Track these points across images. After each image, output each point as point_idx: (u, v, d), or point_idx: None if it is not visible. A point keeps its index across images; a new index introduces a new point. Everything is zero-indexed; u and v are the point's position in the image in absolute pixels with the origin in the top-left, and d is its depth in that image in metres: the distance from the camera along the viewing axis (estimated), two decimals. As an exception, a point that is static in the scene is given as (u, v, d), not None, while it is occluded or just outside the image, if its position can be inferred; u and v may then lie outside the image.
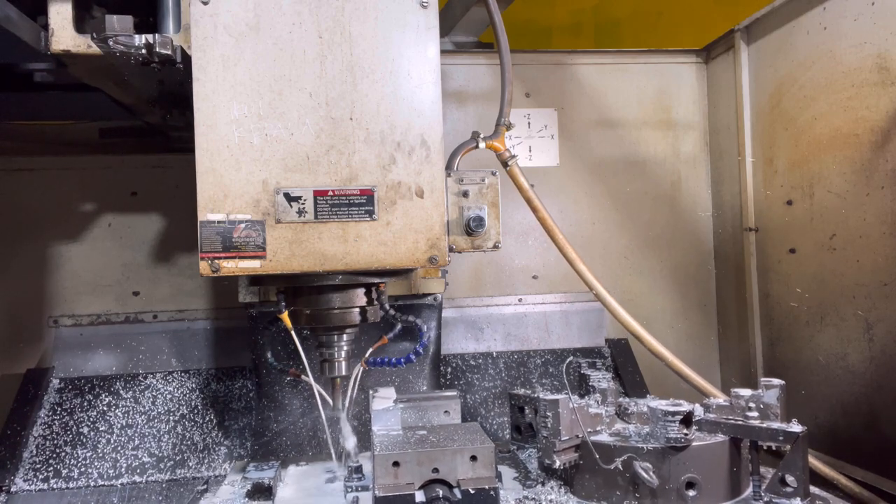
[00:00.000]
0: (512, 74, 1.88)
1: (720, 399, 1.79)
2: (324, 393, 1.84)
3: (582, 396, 1.97)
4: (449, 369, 2.64)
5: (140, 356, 2.55)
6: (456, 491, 1.48)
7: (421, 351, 1.75)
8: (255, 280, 1.63)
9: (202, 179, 1.52)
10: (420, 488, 1.48)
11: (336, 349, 1.77)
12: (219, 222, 1.52)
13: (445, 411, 1.97)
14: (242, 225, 1.52)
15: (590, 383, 2.00)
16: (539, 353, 2.73)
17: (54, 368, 2.49)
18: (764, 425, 1.62)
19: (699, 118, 2.93)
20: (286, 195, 1.54)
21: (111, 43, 1.47)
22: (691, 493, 1.57)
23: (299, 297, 1.70)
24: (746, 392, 1.72)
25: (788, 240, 2.46)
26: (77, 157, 2.61)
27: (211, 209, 1.52)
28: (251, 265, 1.52)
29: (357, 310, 1.72)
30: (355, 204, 1.57)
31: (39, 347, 2.56)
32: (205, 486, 2.15)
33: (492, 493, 1.46)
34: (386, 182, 1.58)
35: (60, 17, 1.56)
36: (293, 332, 1.70)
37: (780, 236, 2.51)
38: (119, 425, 2.38)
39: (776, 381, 1.69)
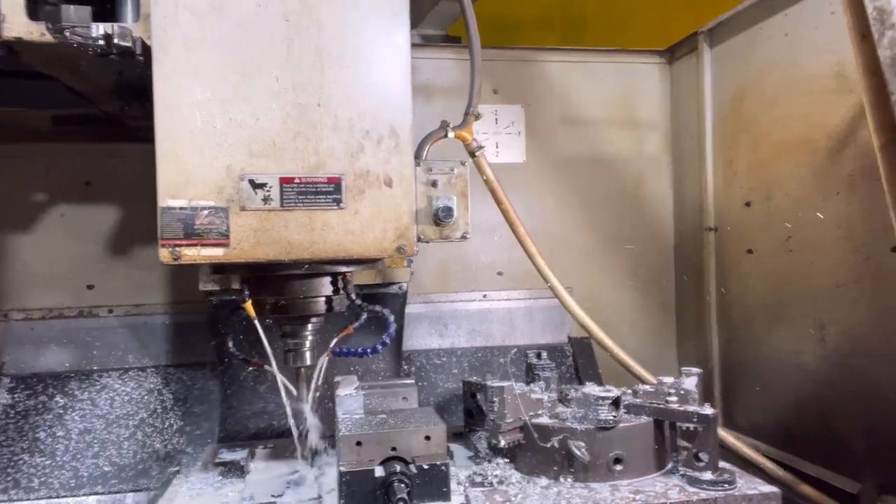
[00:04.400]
0: (482, 64, 1.88)
1: (647, 385, 1.96)
2: (288, 383, 1.80)
3: (528, 384, 2.08)
4: (413, 367, 2.62)
5: (95, 352, 2.48)
6: (411, 466, 1.56)
7: (388, 341, 1.74)
8: (218, 268, 1.60)
9: (163, 164, 1.47)
10: (380, 464, 1.56)
11: (301, 339, 1.74)
12: (180, 208, 1.47)
13: (403, 397, 2.05)
14: (205, 212, 1.48)
15: (535, 372, 2.14)
16: (503, 351, 2.74)
17: (4, 364, 2.39)
18: (681, 408, 1.79)
19: (662, 118, 2.98)
20: (251, 182, 1.51)
21: (67, 34, 1.42)
22: (618, 467, 1.74)
23: (263, 285, 1.67)
24: (669, 379, 1.92)
25: (746, 240, 2.51)
26: (29, 144, 2.51)
27: (172, 195, 1.47)
28: (214, 253, 1.48)
29: (323, 299, 1.69)
30: (322, 192, 1.54)
31: (-13, 342, 2.46)
32: (177, 468, 2.15)
33: (443, 468, 1.56)
34: (354, 170, 1.56)
35: (12, 1, 1.48)
36: (256, 322, 1.66)
37: (738, 237, 2.57)
38: (77, 430, 2.30)
39: (695, 370, 1.87)
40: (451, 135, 1.80)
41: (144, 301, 2.56)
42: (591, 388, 1.85)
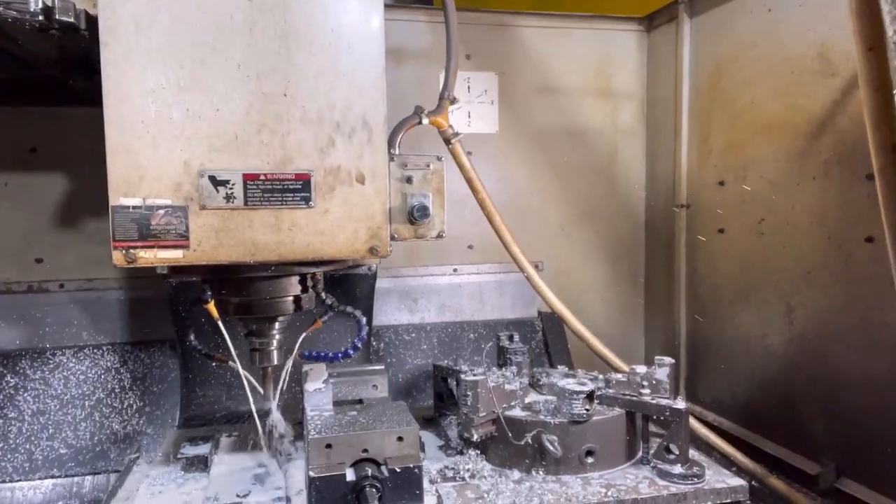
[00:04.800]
0: (458, 42, 1.77)
1: (619, 375, 1.95)
2: (253, 381, 1.74)
3: (500, 367, 2.07)
4: (382, 344, 2.58)
5: (47, 328, 2.35)
6: (383, 468, 1.52)
7: (360, 346, 1.68)
8: (177, 269, 1.50)
9: (113, 158, 1.35)
10: (351, 466, 1.51)
11: (268, 338, 1.67)
12: (134, 208, 1.36)
13: (374, 385, 2.02)
14: (162, 211, 1.37)
15: (507, 356, 2.11)
16: (472, 326, 2.71)
17: (-51, 343, 2.26)
18: (654, 401, 1.79)
19: (638, 88, 2.91)
20: (212, 178, 1.40)
21: (1, 9, 1.26)
22: (590, 459, 1.74)
23: (227, 285, 1.58)
24: (642, 369, 1.92)
25: (718, 220, 2.50)
26: (-34, 107, 2.32)
27: (125, 192, 1.36)
28: (172, 255, 1.38)
29: (291, 298, 1.62)
30: (290, 189, 1.44)
31: (-72, 320, 2.32)
32: (137, 454, 2.07)
33: (416, 470, 1.52)
34: (324, 166, 1.46)
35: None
36: (220, 323, 1.58)
37: (710, 215, 2.55)
38: (30, 411, 2.21)
39: (667, 360, 1.86)
40: (425, 121, 1.70)
41: (98, 275, 2.43)
42: (565, 381, 1.83)
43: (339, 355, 1.68)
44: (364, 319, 1.67)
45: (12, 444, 2.16)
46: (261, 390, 1.75)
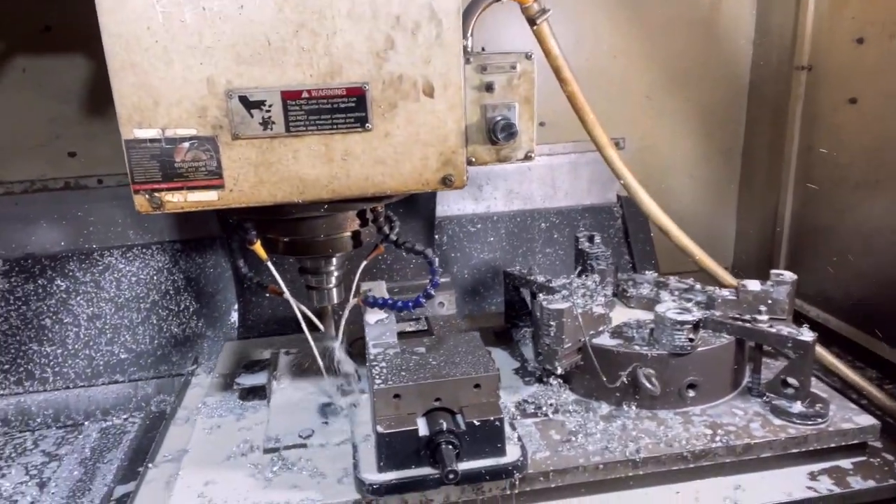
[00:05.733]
0: None
1: (726, 291, 1.72)
2: (312, 316, 1.55)
3: (579, 274, 1.85)
4: (445, 237, 2.35)
5: (91, 228, 2.20)
6: (459, 419, 1.33)
7: (433, 292, 1.43)
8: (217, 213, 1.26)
9: (119, 79, 1.07)
10: (423, 416, 1.34)
11: (324, 276, 1.45)
12: (152, 141, 1.10)
13: (440, 303, 1.88)
14: (186, 144, 1.11)
15: (588, 261, 1.87)
16: (544, 214, 2.44)
17: (-8, 246, 2.14)
18: (773, 330, 1.54)
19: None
20: (243, 100, 1.10)
21: None
22: (691, 393, 1.55)
23: (273, 225, 1.34)
24: (755, 285, 1.68)
25: (850, 87, 2.07)
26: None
27: (138, 123, 1.09)
28: (205, 198, 1.14)
29: (348, 234, 1.38)
30: (341, 109, 1.14)
31: (-33, 224, 2.18)
32: (194, 366, 2.03)
33: (497, 423, 1.31)
34: (382, 76, 1.13)
35: None
36: (269, 264, 1.36)
37: (839, 81, 2.11)
38: (85, 316, 2.12)
39: (788, 276, 1.66)
40: (505, -1, 1.33)
41: (137, 169, 2.22)
42: (665, 307, 1.58)
43: (410, 304, 1.46)
44: (437, 260, 1.42)
45: (71, 350, 2.09)
46: (321, 326, 1.57)
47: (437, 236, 2.33)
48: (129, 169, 1.12)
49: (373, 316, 1.53)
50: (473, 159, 1.27)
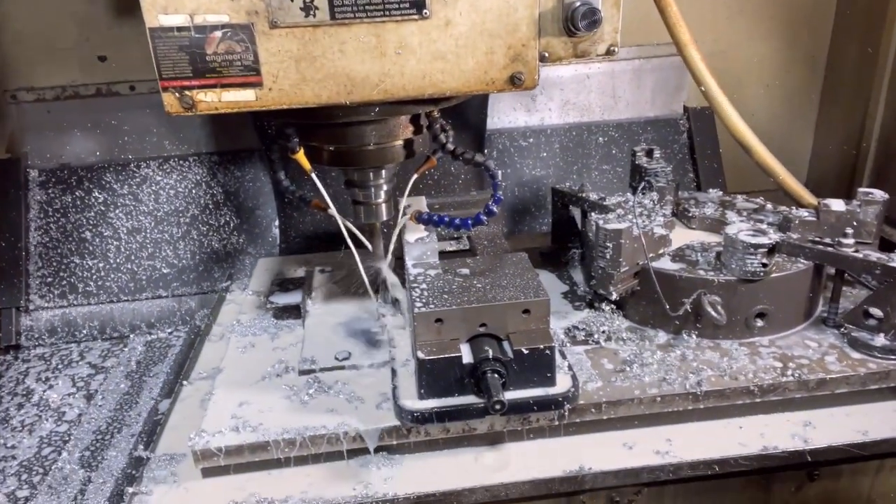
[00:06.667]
0: None
1: (804, 212, 1.55)
2: (358, 233, 1.45)
3: (635, 191, 1.70)
4: (494, 152, 2.20)
5: (126, 137, 2.13)
6: (506, 346, 1.23)
7: (495, 209, 1.30)
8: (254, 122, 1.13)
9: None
10: (467, 342, 1.25)
11: (372, 190, 1.33)
12: (179, 29, 0.98)
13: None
14: (218, 33, 0.98)
15: (646, 178, 1.71)
16: (602, 127, 2.26)
17: (28, 155, 2.09)
18: (859, 255, 1.38)
19: None
20: (278, -19, 0.97)
21: None
22: (759, 323, 1.42)
23: (318, 130, 1.22)
24: (839, 205, 1.51)
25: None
26: None
27: (163, 7, 0.97)
28: (242, 97, 1.02)
29: (400, 143, 1.24)
30: (394, -8, 0.99)
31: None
32: (228, 282, 1.99)
33: (547, 351, 1.21)
34: (441, -50, 0.98)
35: None
36: (313, 175, 1.25)
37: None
38: (125, 229, 2.08)
39: (878, 195, 1.49)
40: None
41: (171, 75, 2.11)
42: (737, 228, 1.43)
43: (469, 222, 1.33)
44: (500, 173, 1.27)
45: (113, 264, 2.07)
46: (369, 246, 1.46)
47: (486, 150, 2.18)
48: (156, 62, 1.01)
49: (413, 234, 1.42)
50: (547, 54, 1.11)
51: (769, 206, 1.70)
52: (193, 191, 2.13)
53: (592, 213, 1.66)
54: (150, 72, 2.06)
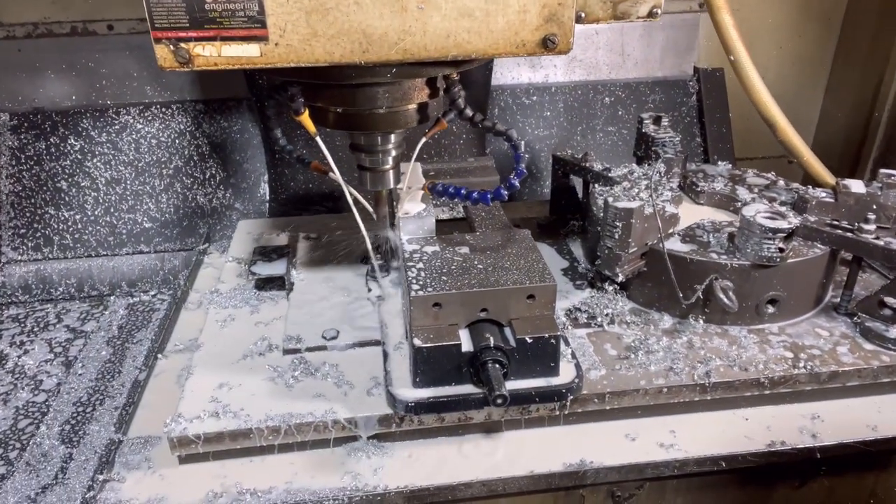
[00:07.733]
0: None
1: (821, 192, 1.48)
2: (361, 199, 1.35)
3: (640, 161, 1.64)
4: (496, 109, 2.09)
5: (103, 81, 1.99)
6: (508, 334, 1.16)
7: (517, 183, 1.20)
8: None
9: None
10: (466, 327, 1.18)
11: (380, 155, 1.23)
12: (176, -28, 0.86)
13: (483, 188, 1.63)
14: (220, -24, 0.87)
15: (652, 147, 1.62)
16: (609, 87, 2.15)
17: (-2, 97, 1.95)
18: (881, 243, 1.32)
19: None
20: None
21: None
22: (770, 309, 1.36)
23: (326, 90, 1.11)
24: (858, 186, 1.43)
25: None
26: None
27: (157, -54, 0.84)
28: (245, 52, 0.91)
29: (414, 107, 1.14)
30: (418, -62, 0.88)
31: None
32: (206, 245, 1.90)
33: (552, 340, 1.14)
34: None
35: None
36: (319, 140, 1.14)
37: None
38: (103, 180, 1.96)
39: None
40: None
41: (151, 15, 1.96)
42: (754, 209, 1.36)
43: (488, 195, 1.23)
44: (522, 143, 1.18)
45: (91, 216, 1.96)
46: (373, 214, 1.37)
47: (489, 107, 2.07)
48: (148, 9, 0.89)
49: (410, 205, 1.33)
50: (583, 15, 1.03)
51: (781, 182, 1.63)
52: (177, 141, 2.01)
53: (596, 185, 1.58)
54: (129, 9, 1.93)
